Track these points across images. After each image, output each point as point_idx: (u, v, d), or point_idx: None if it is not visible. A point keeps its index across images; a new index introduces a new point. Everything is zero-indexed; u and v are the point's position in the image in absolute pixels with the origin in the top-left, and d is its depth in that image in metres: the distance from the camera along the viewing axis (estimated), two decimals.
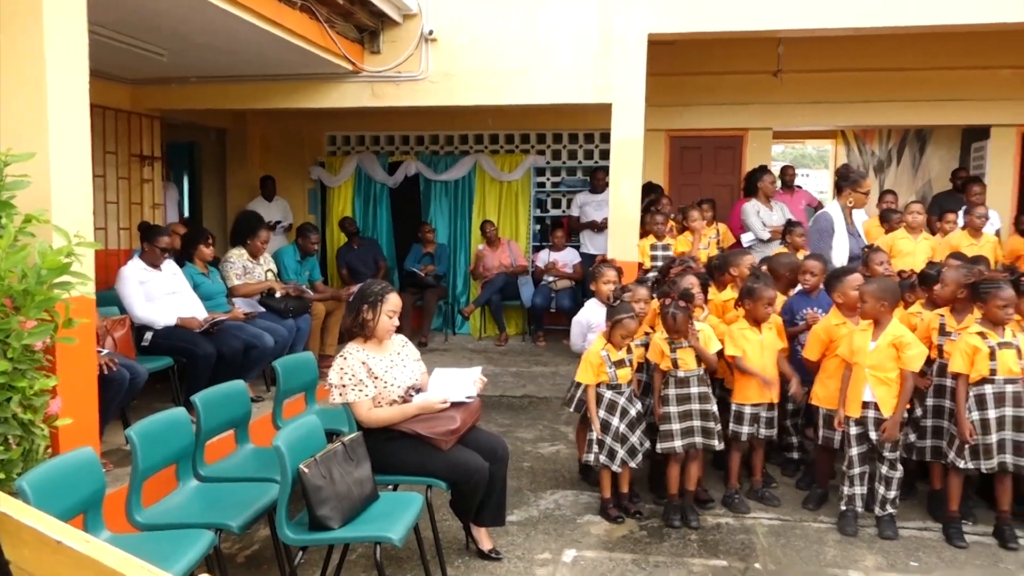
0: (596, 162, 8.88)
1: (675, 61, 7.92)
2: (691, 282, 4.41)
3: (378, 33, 6.74)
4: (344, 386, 3.52)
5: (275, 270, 6.58)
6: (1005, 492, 4.02)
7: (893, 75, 8.19)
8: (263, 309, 6.08)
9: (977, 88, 8.12)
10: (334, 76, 6.81)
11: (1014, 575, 3.69)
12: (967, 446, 3.92)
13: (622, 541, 4.04)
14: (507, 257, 8.57)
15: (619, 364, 4.21)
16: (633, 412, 4.24)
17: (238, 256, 6.31)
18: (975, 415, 3.90)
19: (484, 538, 3.83)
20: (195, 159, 9.87)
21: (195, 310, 5.41)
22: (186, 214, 9.55)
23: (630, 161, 6.41)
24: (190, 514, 3.21)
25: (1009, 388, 3.88)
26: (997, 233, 7.33)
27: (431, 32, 6.61)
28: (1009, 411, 3.87)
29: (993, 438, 3.88)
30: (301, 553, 3.15)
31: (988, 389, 3.89)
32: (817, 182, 24.09)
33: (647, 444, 4.29)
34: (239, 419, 3.90)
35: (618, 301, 4.27)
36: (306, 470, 3.01)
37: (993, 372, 3.87)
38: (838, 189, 5.71)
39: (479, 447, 3.66)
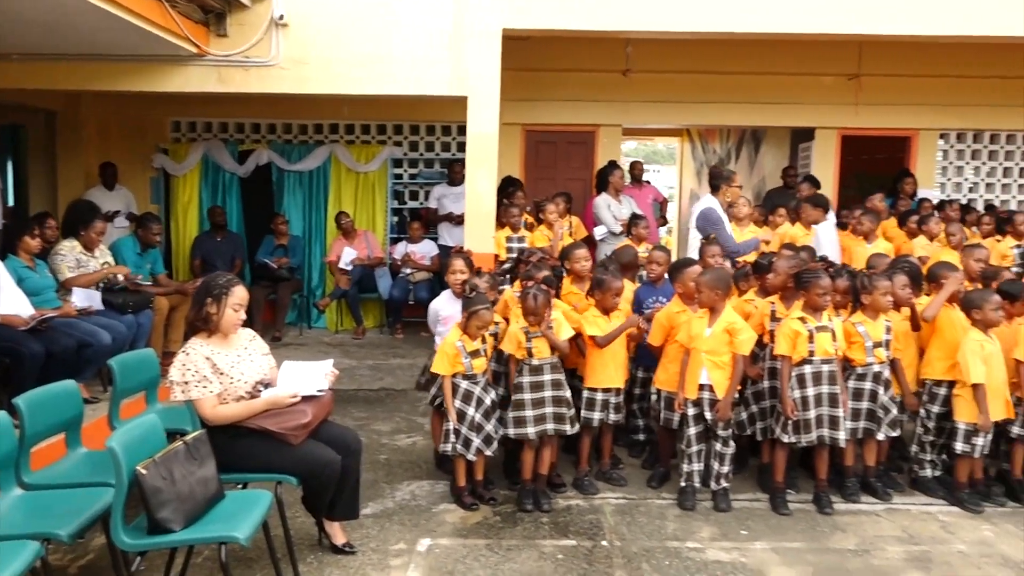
0: (453, 154, 8.91)
1: (531, 56, 8.08)
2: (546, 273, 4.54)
3: (225, 15, 6.45)
4: (187, 383, 3.37)
5: (112, 263, 6.19)
6: (823, 463, 4.41)
7: (731, 78, 8.72)
8: (101, 307, 5.69)
9: (803, 93, 8.80)
10: (177, 59, 6.46)
11: (828, 536, 4.06)
12: (790, 422, 4.27)
13: (476, 527, 4.11)
14: (364, 249, 8.47)
15: (474, 354, 4.27)
16: (488, 401, 4.32)
17: (70, 248, 5.89)
18: (796, 393, 4.26)
19: (338, 532, 3.79)
20: (20, 143, 9.07)
21: (19, 306, 4.99)
22: (10, 202, 8.77)
23: (486, 154, 6.49)
24: (12, 525, 2.99)
25: (825, 368, 4.26)
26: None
27: (281, 16, 6.41)
28: (825, 389, 4.26)
29: (812, 414, 4.25)
30: (139, 559, 3.00)
31: (807, 369, 4.26)
32: (668, 178, 25.26)
33: (502, 431, 4.38)
34: (70, 421, 3.66)
35: (474, 292, 4.33)
36: (144, 471, 2.87)
37: (811, 353, 4.24)
38: (714, 187, 6.14)
39: (331, 441, 3.61)
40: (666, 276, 4.97)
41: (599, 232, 7.44)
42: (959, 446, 4.39)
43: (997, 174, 9.19)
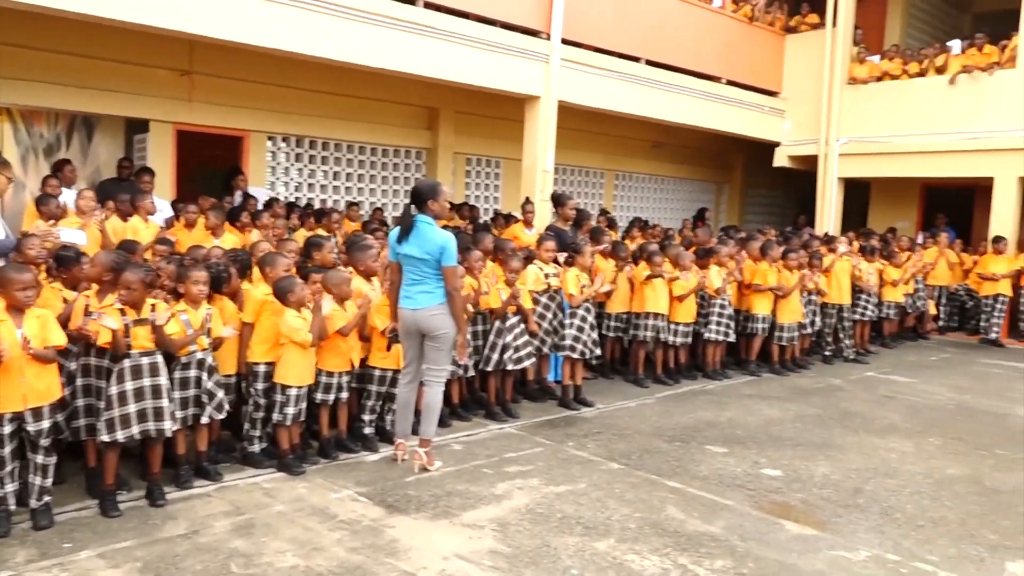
0: None
1: None
2: None
3: None
4: None
5: None
6: (154, 456, 4.40)
7: (55, 57, 7.99)
8: None
9: (137, 83, 8.58)
10: None
11: (160, 527, 4.06)
12: (104, 419, 4.15)
13: None
14: None
15: None
16: None
17: None
18: (114, 389, 4.15)
19: None
20: None
21: None
22: None
23: None
24: None
25: (145, 360, 4.24)
26: (167, 221, 7.73)
27: None
28: (147, 382, 4.24)
29: (132, 408, 4.19)
30: None
31: (126, 364, 4.19)
32: None
33: None
34: None
35: None
36: None
37: (129, 347, 4.19)
38: None
39: None
40: None
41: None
42: (275, 416, 4.91)
43: (318, 176, 10.46)
